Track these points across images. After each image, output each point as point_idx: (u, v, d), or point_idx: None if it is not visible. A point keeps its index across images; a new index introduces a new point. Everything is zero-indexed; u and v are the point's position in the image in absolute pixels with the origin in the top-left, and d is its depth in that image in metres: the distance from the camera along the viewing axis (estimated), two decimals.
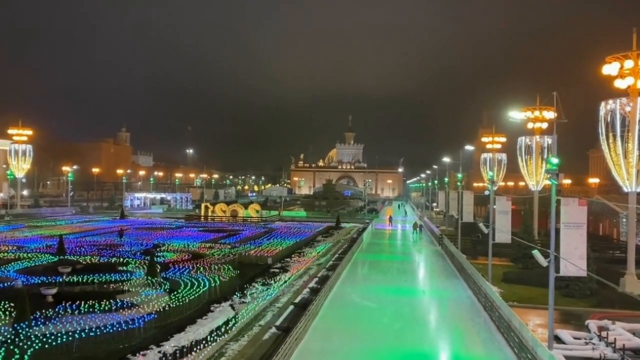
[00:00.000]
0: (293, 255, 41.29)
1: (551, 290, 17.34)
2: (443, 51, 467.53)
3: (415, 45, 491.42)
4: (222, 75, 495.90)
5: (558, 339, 19.90)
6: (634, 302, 24.29)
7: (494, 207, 31.08)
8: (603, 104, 31.36)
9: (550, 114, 45.46)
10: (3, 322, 20.50)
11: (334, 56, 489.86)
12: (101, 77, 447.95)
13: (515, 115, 45.03)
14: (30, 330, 19.46)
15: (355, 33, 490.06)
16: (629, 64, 29.65)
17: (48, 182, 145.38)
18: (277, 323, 22.73)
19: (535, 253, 17.70)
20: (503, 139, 64.56)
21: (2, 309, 21.90)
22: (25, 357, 17.02)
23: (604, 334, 20.28)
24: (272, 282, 30.47)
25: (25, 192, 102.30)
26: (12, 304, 21.72)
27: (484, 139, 67.27)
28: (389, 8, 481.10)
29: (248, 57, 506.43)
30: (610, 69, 30.31)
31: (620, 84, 30.29)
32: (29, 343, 18.13)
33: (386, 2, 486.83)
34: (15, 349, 17.61)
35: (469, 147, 58.74)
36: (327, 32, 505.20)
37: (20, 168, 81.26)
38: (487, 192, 47.95)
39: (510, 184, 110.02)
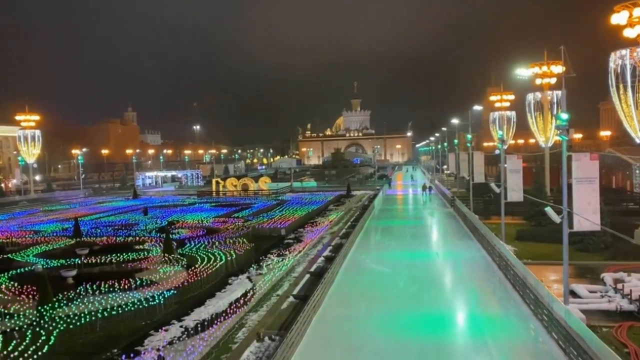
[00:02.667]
0: (306, 225, 41.59)
1: (565, 246, 17.34)
2: (447, 9, 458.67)
3: (419, 4, 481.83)
4: (223, 48, 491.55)
5: (574, 294, 20.00)
6: None
7: (505, 166, 30.91)
8: (613, 54, 30.70)
9: (558, 69, 44.64)
10: (27, 305, 20.98)
11: (336, 21, 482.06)
12: (103, 57, 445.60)
13: (523, 72, 44.58)
14: (54, 312, 19.92)
15: None
16: (638, 12, 28.85)
17: (59, 166, 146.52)
18: (295, 292, 23.06)
19: (548, 210, 17.63)
20: (511, 97, 63.59)
21: (25, 293, 22.41)
22: (52, 337, 17.49)
23: (619, 286, 20.35)
24: (287, 252, 30.80)
25: (37, 177, 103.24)
26: (34, 287, 22.20)
27: (493, 98, 66.38)
28: None
29: (248, 28, 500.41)
30: (619, 17, 29.49)
31: (629, 32, 29.53)
32: (53, 324, 18.59)
33: None
34: (41, 331, 18.08)
35: (477, 107, 58.18)
36: None
37: (31, 154, 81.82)
38: (497, 152, 47.63)
39: (521, 141, 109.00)
